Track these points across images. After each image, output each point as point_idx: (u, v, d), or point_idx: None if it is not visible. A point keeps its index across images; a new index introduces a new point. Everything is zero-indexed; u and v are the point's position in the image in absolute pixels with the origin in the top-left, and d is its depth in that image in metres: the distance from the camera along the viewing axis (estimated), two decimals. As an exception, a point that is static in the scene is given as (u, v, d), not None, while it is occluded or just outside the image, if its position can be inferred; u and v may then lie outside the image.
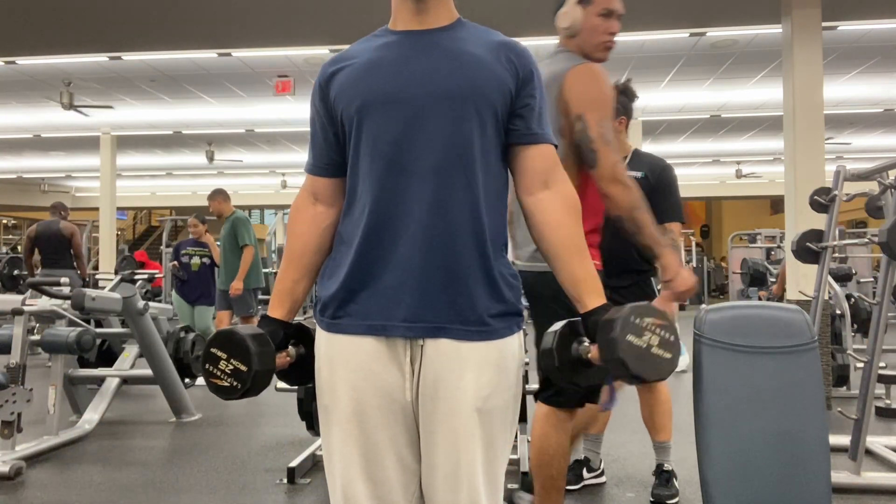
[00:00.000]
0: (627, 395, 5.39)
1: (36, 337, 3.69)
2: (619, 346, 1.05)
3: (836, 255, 5.60)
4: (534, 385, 3.60)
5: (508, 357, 1.21)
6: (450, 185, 1.15)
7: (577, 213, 1.23)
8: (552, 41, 2.11)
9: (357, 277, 1.19)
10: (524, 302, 1.36)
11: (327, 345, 1.22)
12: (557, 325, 1.17)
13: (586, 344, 1.15)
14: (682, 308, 11.35)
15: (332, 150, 1.26)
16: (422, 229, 1.15)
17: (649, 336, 1.07)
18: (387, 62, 1.20)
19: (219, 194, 5.83)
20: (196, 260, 6.21)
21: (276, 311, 1.25)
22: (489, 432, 1.17)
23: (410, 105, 1.16)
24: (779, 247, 10.23)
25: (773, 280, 7.95)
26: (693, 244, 16.32)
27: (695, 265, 15.17)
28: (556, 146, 1.26)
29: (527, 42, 6.87)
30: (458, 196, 1.16)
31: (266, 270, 8.55)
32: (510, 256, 1.46)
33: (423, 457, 1.19)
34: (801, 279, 4.95)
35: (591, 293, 1.18)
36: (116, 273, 4.13)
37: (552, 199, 1.22)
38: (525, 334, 2.06)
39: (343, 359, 1.19)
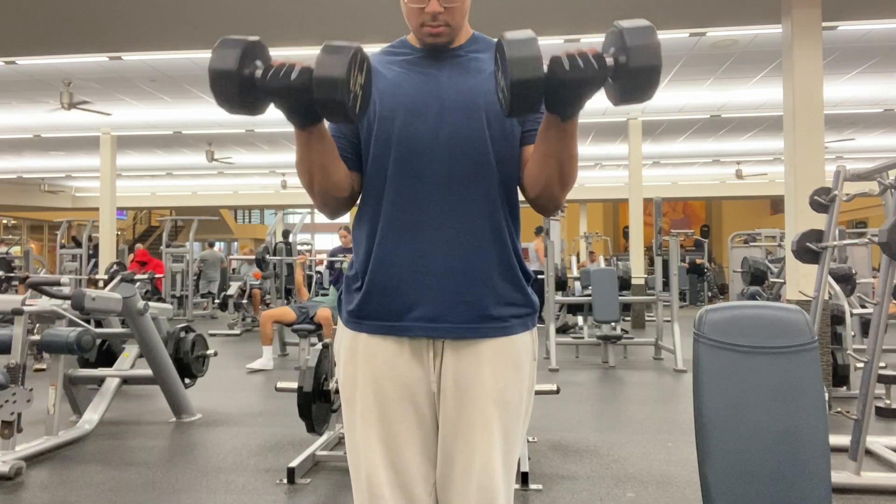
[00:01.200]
0: (627, 396, 5.40)
1: (36, 337, 3.69)
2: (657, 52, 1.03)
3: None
4: (538, 385, 3.61)
5: (523, 352, 1.27)
6: (467, 192, 1.22)
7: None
8: (551, 42, 2.11)
9: (376, 279, 1.24)
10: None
11: (351, 341, 1.28)
12: (530, 39, 1.06)
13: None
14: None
15: (351, 148, 1.31)
16: (441, 234, 1.22)
17: None
18: (408, 74, 1.27)
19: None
20: (346, 264, 6.60)
21: None
22: (505, 423, 1.24)
23: (429, 117, 1.23)
24: (779, 245, 10.22)
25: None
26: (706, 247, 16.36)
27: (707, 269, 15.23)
28: None
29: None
30: (474, 202, 1.22)
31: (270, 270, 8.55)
32: None
33: (440, 448, 1.25)
34: (801, 279, 4.95)
35: None
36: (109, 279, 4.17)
37: None
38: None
39: (366, 355, 1.26)
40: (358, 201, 1.33)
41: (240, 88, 1.08)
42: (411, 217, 1.22)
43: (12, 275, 7.81)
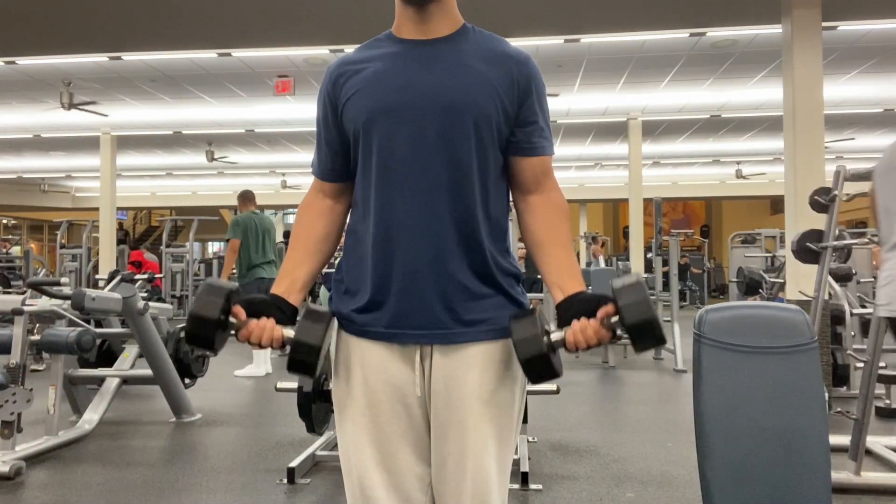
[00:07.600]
0: (627, 396, 5.40)
1: (36, 337, 3.69)
2: (649, 307, 1.10)
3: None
4: (538, 385, 3.61)
5: (512, 353, 1.25)
6: (450, 199, 1.20)
7: (564, 216, 1.30)
8: (550, 42, 2.10)
9: (362, 286, 1.25)
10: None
11: (343, 344, 1.28)
12: (529, 319, 1.18)
13: (559, 333, 1.18)
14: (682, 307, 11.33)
15: (339, 159, 1.31)
16: (426, 241, 1.20)
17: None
18: (391, 75, 1.22)
19: (239, 197, 6.22)
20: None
21: (274, 289, 1.28)
22: (497, 424, 1.23)
23: (412, 121, 1.20)
24: (776, 256, 10.19)
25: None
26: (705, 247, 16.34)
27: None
28: (552, 156, 1.31)
29: (525, 42, 6.88)
30: (459, 208, 1.20)
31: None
32: None
33: (433, 451, 1.24)
34: (801, 279, 4.95)
35: (573, 279, 1.23)
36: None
37: (542, 201, 1.28)
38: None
39: (357, 357, 1.25)
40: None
41: (215, 333, 1.18)
42: (396, 224, 1.20)
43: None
